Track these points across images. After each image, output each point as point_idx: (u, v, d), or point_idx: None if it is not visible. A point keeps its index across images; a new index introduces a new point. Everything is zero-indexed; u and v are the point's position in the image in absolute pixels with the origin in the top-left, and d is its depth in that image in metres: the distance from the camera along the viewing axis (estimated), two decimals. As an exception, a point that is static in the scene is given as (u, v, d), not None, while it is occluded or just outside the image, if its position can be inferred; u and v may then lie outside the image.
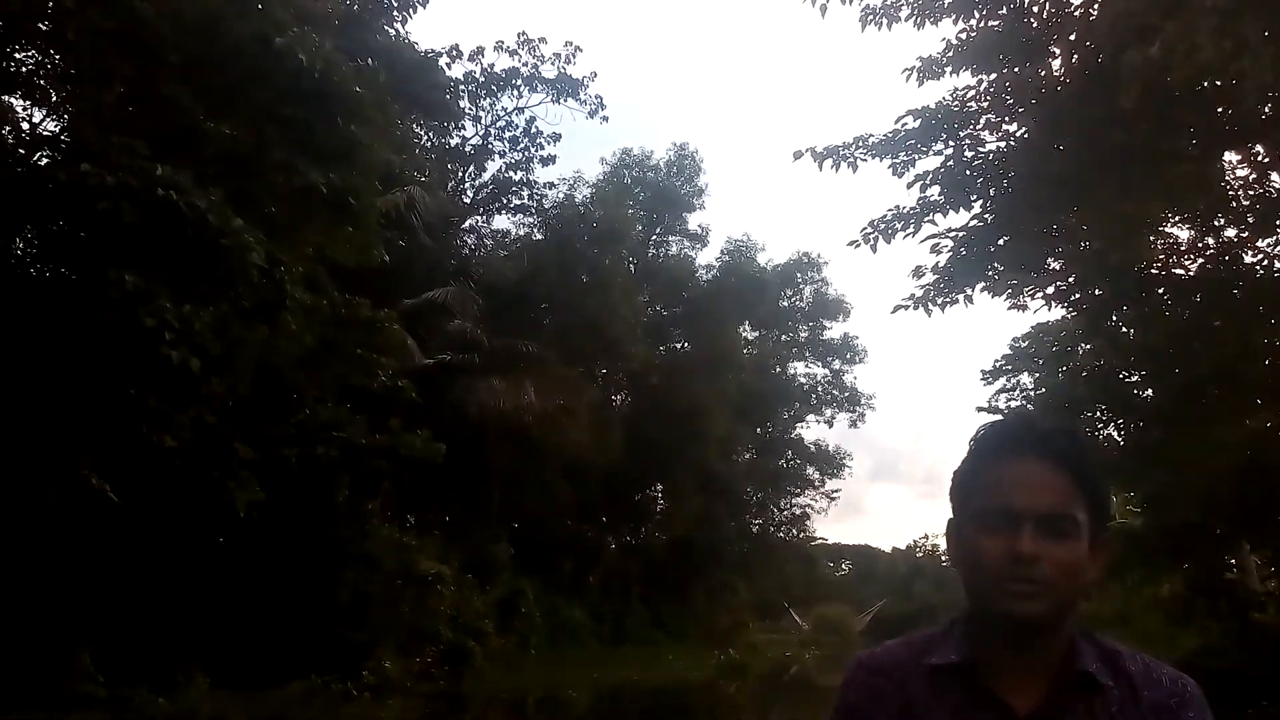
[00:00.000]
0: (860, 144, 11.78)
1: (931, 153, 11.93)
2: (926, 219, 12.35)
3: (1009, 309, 19.86)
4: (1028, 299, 19.14)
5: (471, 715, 15.65)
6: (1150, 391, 16.46)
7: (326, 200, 10.92)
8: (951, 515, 1.42)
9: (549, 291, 27.28)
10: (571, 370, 25.29)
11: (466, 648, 18.35)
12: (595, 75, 30.96)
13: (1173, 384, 14.09)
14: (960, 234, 11.77)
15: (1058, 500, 1.31)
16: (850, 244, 12.41)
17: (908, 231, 12.42)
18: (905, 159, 11.86)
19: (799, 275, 47.77)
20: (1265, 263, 12.85)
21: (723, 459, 39.63)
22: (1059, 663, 1.33)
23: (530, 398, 20.76)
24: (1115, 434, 22.29)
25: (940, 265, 11.58)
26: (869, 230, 12.40)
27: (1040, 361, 41.14)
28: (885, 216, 12.33)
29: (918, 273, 11.77)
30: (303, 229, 11.57)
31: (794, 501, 50.08)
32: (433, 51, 21.49)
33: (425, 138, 27.58)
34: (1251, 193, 11.91)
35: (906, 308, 11.62)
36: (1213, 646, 16.05)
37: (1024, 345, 43.71)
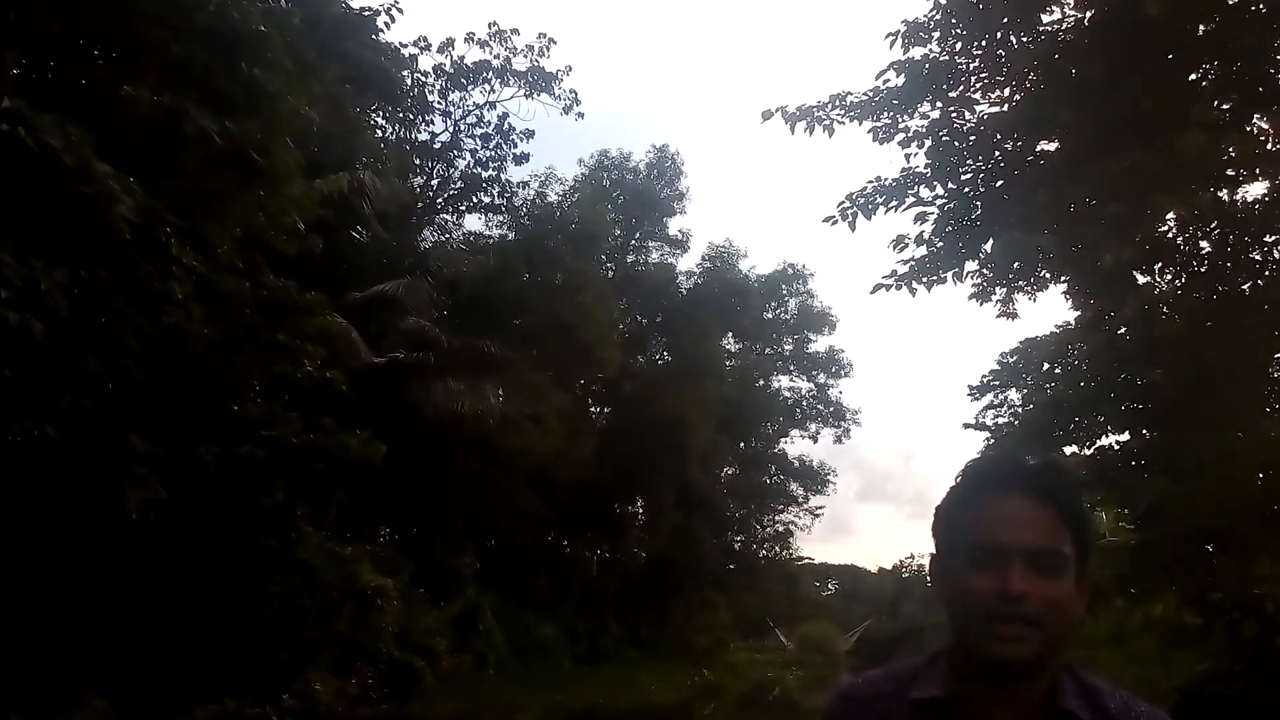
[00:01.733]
0: (837, 103, 10.53)
1: (917, 115, 10.71)
2: (910, 192, 11.13)
3: (998, 316, 18.78)
4: (1019, 298, 18.09)
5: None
6: (1154, 394, 15.22)
7: (226, 155, 9.59)
8: (935, 551, 1.41)
9: (518, 293, 25.94)
10: (540, 375, 23.91)
11: (414, 667, 16.92)
12: (570, 69, 29.78)
13: (1184, 378, 12.81)
14: (949, 203, 10.52)
15: (1045, 536, 1.31)
16: (827, 220, 11.15)
17: (890, 206, 11.18)
18: (888, 122, 10.63)
19: (784, 287, 46.65)
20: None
21: (703, 472, 38.27)
22: (1041, 701, 1.32)
23: (492, 401, 19.38)
24: (1113, 441, 21.09)
25: (926, 235, 10.30)
26: (847, 205, 11.13)
27: (1028, 378, 40.24)
28: (865, 189, 11.06)
29: (899, 244, 10.48)
30: (208, 192, 10.19)
31: (777, 518, 48.72)
32: (369, 9, 20.09)
33: (391, 130, 26.36)
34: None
35: (888, 287, 10.34)
36: (1220, 672, 14.73)
37: (1012, 360, 42.76)
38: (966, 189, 10.81)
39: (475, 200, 28.83)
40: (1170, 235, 12.55)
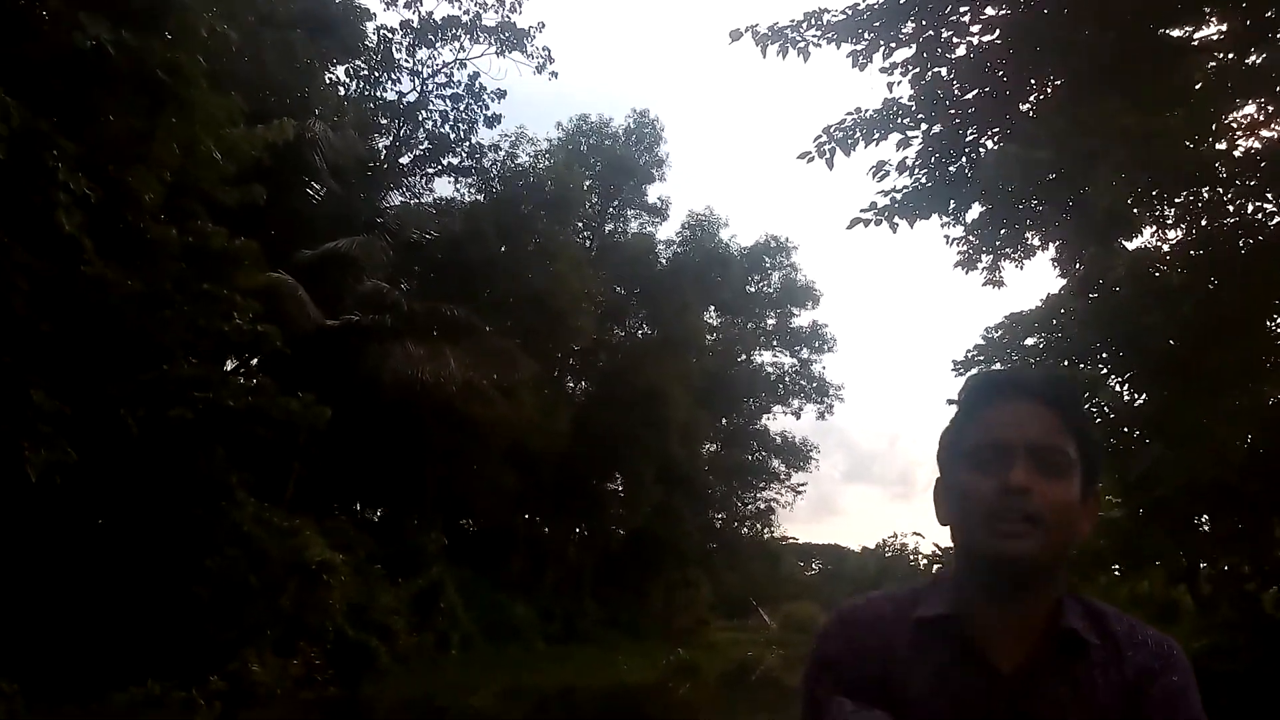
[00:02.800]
0: (812, 23, 9.51)
1: (901, 36, 9.70)
2: (894, 125, 10.14)
3: (984, 284, 17.85)
4: (1006, 266, 17.20)
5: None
6: (1149, 353, 14.34)
7: (130, 76, 8.53)
8: (939, 477, 1.39)
9: (487, 259, 24.84)
10: (508, 343, 22.87)
11: (369, 647, 15.96)
12: (543, 26, 28.56)
13: (1183, 335, 11.89)
14: (941, 138, 9.53)
15: (1049, 433, 1.29)
16: (802, 156, 10.12)
17: (872, 140, 10.20)
18: (868, 43, 9.62)
19: (766, 259, 45.64)
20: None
21: (684, 448, 37.35)
22: (1045, 620, 1.30)
23: (452, 367, 18.34)
24: (1105, 404, 20.30)
25: (910, 162, 9.32)
26: (824, 140, 10.10)
27: (1012, 354, 39.67)
28: (844, 122, 10.07)
29: (879, 172, 9.48)
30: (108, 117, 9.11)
31: (759, 495, 47.91)
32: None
33: (355, 86, 25.15)
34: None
35: (867, 222, 9.31)
36: (1223, 647, 13.91)
37: (997, 335, 42.14)
38: (956, 120, 9.83)
39: (444, 163, 27.65)
40: (1174, 178, 11.68)
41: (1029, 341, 36.28)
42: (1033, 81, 10.25)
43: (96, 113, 9.42)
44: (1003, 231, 18.27)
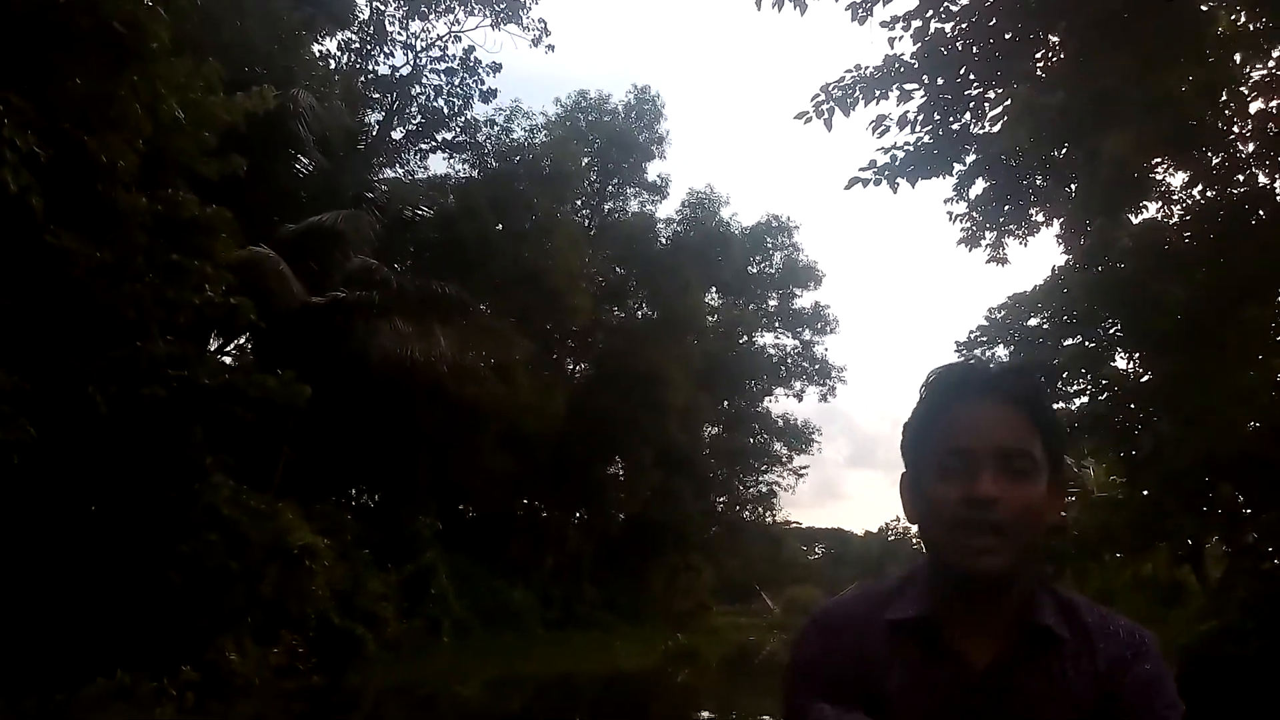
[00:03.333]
0: (811, -30, 8.94)
1: (904, -12, 9.12)
2: (894, 83, 9.57)
3: (987, 261, 17.28)
4: (1009, 243, 16.62)
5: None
6: (1159, 323, 13.80)
7: (81, 28, 7.97)
8: (905, 469, 1.38)
9: (482, 236, 24.25)
10: (503, 322, 22.33)
11: (355, 635, 15.50)
12: (540, -2, 27.87)
13: (1194, 303, 11.33)
14: (944, 91, 8.95)
15: (1013, 437, 1.27)
16: (799, 117, 9.55)
17: (872, 98, 9.62)
18: (870, -8, 9.04)
19: (768, 239, 45.13)
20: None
21: (684, 430, 36.87)
22: (1018, 615, 1.30)
23: (443, 346, 17.81)
24: (1110, 382, 19.79)
25: (910, 116, 8.75)
26: (821, 99, 9.53)
27: (1015, 335, 38.99)
28: (843, 79, 9.49)
29: (879, 127, 8.92)
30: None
31: (761, 478, 47.43)
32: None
33: (345, 59, 24.54)
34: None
35: (866, 181, 8.75)
36: (1232, 629, 13.41)
37: (1000, 316, 41.41)
38: (959, 75, 9.25)
39: (438, 139, 27.02)
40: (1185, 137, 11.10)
41: (1032, 322, 35.64)
42: (1039, 33, 9.68)
43: (54, 73, 8.89)
44: (1006, 208, 17.69)
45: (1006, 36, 9.70)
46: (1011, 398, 1.28)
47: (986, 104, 9.55)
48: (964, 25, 9.41)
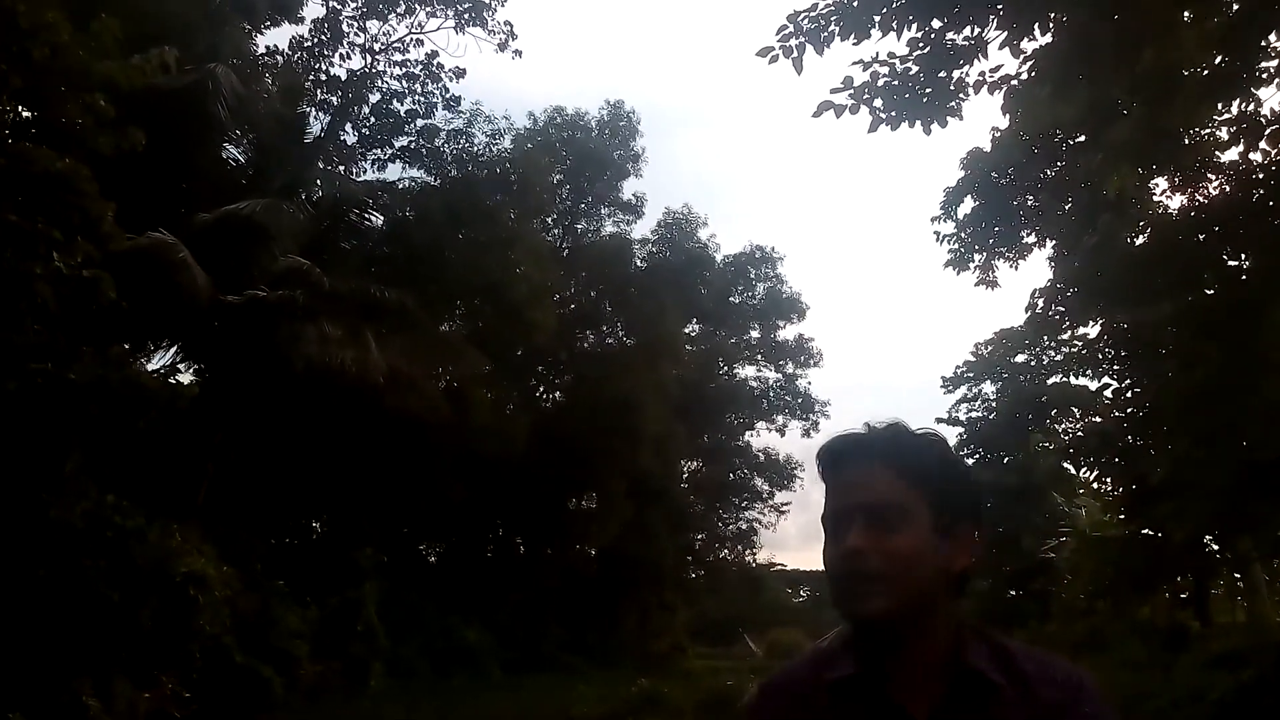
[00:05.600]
0: None
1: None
2: (879, 18, 7.94)
3: (976, 284, 15.92)
4: (1000, 261, 15.48)
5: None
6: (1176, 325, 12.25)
7: None
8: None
9: (436, 245, 22.55)
10: (454, 334, 20.58)
11: (261, 677, 13.57)
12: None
13: (1208, 308, 9.80)
14: (943, 29, 7.31)
15: (881, 493, 1.35)
16: (763, 54, 7.90)
17: (849, 37, 8.00)
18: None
19: (751, 270, 43.65)
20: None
21: (659, 461, 35.03)
22: (948, 658, 1.34)
23: (374, 354, 16.03)
24: (1119, 412, 18.24)
25: (897, 54, 7.09)
26: (789, 31, 7.92)
27: (1001, 370, 37.48)
28: (815, 6, 7.89)
29: (868, 69, 7.24)
30: None
31: (741, 515, 45.51)
32: None
33: (296, 58, 22.93)
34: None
35: (841, 109, 7.07)
36: (1269, 680, 11.64)
37: (987, 351, 39.88)
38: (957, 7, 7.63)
39: (396, 147, 25.35)
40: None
41: (1019, 358, 33.88)
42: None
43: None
44: (996, 228, 16.09)
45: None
46: (880, 457, 1.37)
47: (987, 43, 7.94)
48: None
